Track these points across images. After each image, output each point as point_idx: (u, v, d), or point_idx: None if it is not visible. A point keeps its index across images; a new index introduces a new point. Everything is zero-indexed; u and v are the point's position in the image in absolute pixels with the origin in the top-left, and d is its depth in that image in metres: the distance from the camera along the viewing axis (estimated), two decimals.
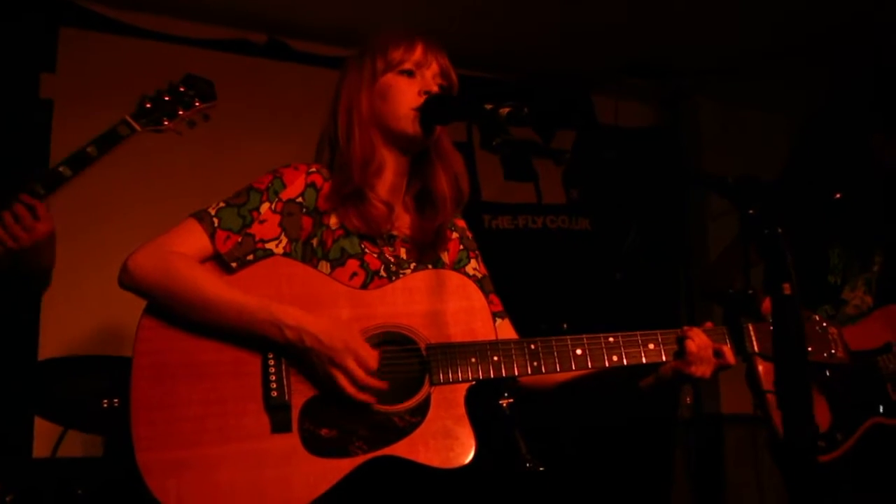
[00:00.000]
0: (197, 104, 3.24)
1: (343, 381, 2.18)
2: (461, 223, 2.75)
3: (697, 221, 6.71)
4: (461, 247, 2.69)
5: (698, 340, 2.40)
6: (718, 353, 2.42)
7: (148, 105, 3.17)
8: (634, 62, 6.25)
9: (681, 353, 2.41)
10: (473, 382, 2.30)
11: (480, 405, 2.49)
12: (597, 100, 6.72)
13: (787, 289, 1.62)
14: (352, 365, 2.18)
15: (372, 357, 2.21)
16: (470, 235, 2.75)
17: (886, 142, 3.94)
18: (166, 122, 3.17)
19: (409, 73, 2.49)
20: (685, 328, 2.43)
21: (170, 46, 5.34)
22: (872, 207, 3.95)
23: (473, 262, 2.70)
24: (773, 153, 6.70)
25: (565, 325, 4.32)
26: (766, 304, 3.54)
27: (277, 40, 5.70)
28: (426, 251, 2.56)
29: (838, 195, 3.76)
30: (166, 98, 3.19)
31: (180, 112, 3.20)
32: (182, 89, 3.23)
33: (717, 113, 6.85)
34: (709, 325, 2.48)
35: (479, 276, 2.70)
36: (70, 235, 4.76)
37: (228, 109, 5.27)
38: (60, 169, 2.98)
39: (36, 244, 3.00)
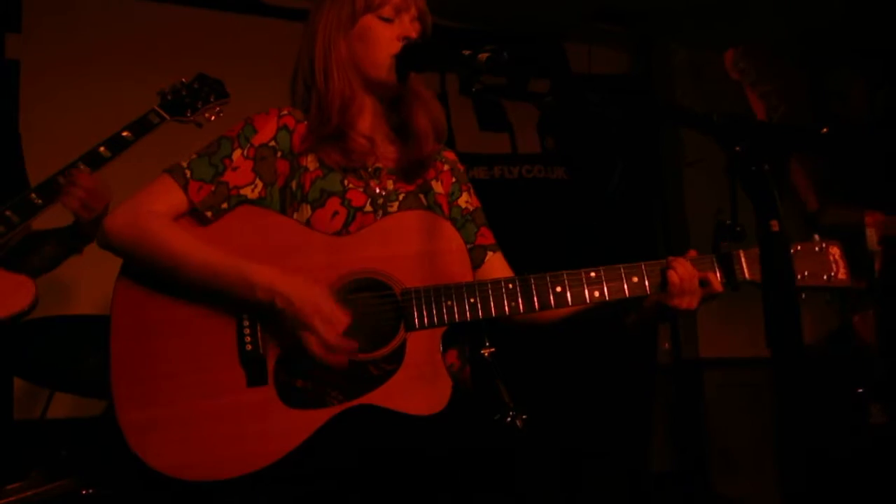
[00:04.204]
0: (212, 99, 3.58)
1: (312, 345, 2.17)
2: (451, 155, 2.73)
3: (672, 167, 6.72)
4: (453, 179, 2.67)
5: (681, 271, 2.33)
6: (704, 282, 2.36)
7: (169, 97, 3.49)
8: (606, 8, 6.23)
9: (664, 285, 2.35)
10: (448, 327, 2.29)
11: (462, 354, 2.49)
12: (569, 48, 6.69)
13: (774, 226, 1.61)
14: (321, 328, 2.16)
15: (342, 319, 2.18)
16: (461, 168, 2.73)
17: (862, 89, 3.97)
18: (189, 114, 3.51)
19: (388, 21, 2.46)
20: (669, 258, 2.37)
21: (137, 3, 5.28)
22: None
23: (465, 195, 2.68)
24: (747, 99, 6.71)
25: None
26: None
27: None
28: (413, 178, 2.54)
29: (825, 129, 3.77)
30: (184, 92, 3.52)
31: (199, 105, 3.54)
32: (196, 86, 3.57)
33: (690, 59, 6.83)
34: (692, 253, 2.41)
35: (472, 208, 2.69)
36: None
37: (199, 65, 5.24)
38: (101, 150, 3.27)
39: (98, 215, 3.22)
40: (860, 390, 3.85)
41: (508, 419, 3.84)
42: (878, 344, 3.71)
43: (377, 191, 2.45)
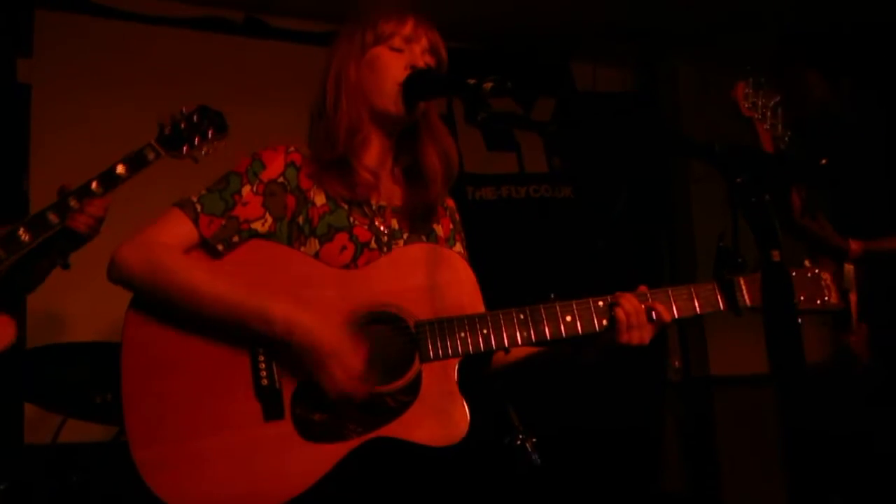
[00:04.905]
0: (210, 134, 3.46)
1: (328, 386, 2.18)
2: (451, 203, 2.74)
3: (680, 185, 6.71)
4: (451, 225, 2.68)
5: (628, 306, 2.34)
6: (652, 315, 2.38)
7: (167, 131, 3.40)
8: (611, 26, 6.24)
9: (611, 321, 2.36)
10: (463, 357, 2.29)
11: (471, 379, 2.49)
12: (574, 66, 6.70)
13: (776, 256, 1.63)
14: (337, 372, 2.17)
15: (358, 359, 2.20)
16: (458, 217, 2.74)
17: (819, 79, 3.97)
18: (185, 149, 3.41)
19: (398, 51, 2.47)
20: (617, 294, 2.38)
21: (146, 27, 5.31)
22: None
23: (458, 246, 2.68)
24: (757, 135, 6.71)
25: (553, 295, 4.31)
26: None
27: (254, 17, 5.67)
28: (418, 222, 2.54)
29: (824, 161, 3.77)
30: (182, 125, 3.41)
31: (197, 140, 3.43)
32: (196, 119, 3.45)
33: (695, 77, 6.83)
34: (642, 288, 2.43)
35: None
36: None
37: (207, 89, 5.30)
38: (92, 186, 3.23)
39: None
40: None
41: (518, 442, 3.85)
42: (871, 356, 3.75)
43: (381, 228, 2.45)
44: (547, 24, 6.11)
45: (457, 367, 2.29)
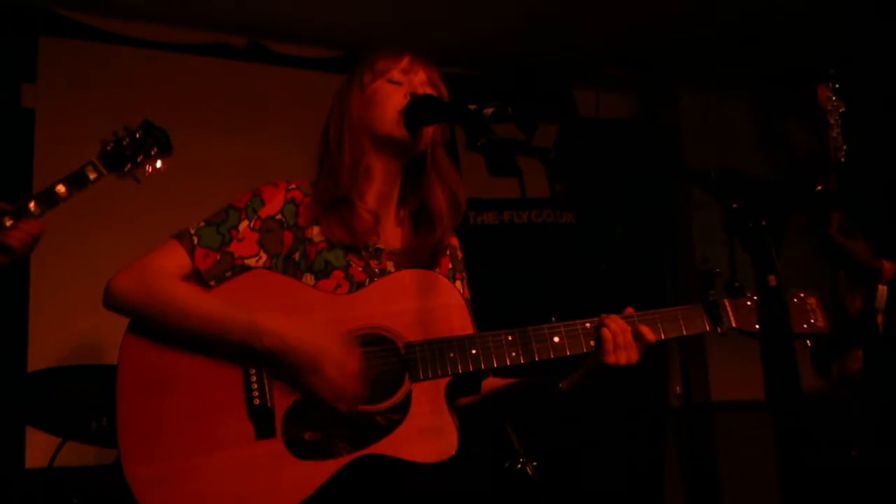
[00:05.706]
0: (154, 153, 3.35)
1: (322, 388, 2.21)
2: (454, 241, 2.75)
3: (682, 211, 6.72)
4: (450, 265, 2.69)
5: (614, 326, 2.36)
6: (638, 336, 2.39)
7: (109, 148, 3.29)
8: (613, 53, 6.27)
9: (598, 342, 2.38)
10: (452, 377, 2.32)
11: (465, 404, 2.51)
12: (577, 92, 6.73)
13: (772, 280, 1.64)
14: (331, 371, 2.20)
15: (353, 359, 2.23)
16: (460, 256, 2.75)
17: (798, 126, 3.97)
18: (128, 167, 3.30)
19: (397, 83, 2.51)
20: (603, 315, 2.40)
21: (149, 52, 5.34)
22: None
23: (458, 284, 2.68)
24: (755, 143, 6.74)
25: (554, 319, 4.31)
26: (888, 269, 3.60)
27: (257, 43, 5.69)
28: (418, 267, 2.54)
29: (820, 187, 3.77)
30: (125, 142, 3.30)
31: (139, 159, 3.31)
32: (139, 135, 3.34)
33: (698, 102, 6.86)
34: (629, 310, 2.45)
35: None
36: (56, 245, 4.77)
37: (210, 113, 5.34)
38: (30, 206, 3.12)
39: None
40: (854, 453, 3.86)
41: (518, 465, 3.86)
42: (863, 382, 3.74)
43: (376, 270, 2.48)
44: (550, 50, 6.14)
45: (446, 386, 2.31)
